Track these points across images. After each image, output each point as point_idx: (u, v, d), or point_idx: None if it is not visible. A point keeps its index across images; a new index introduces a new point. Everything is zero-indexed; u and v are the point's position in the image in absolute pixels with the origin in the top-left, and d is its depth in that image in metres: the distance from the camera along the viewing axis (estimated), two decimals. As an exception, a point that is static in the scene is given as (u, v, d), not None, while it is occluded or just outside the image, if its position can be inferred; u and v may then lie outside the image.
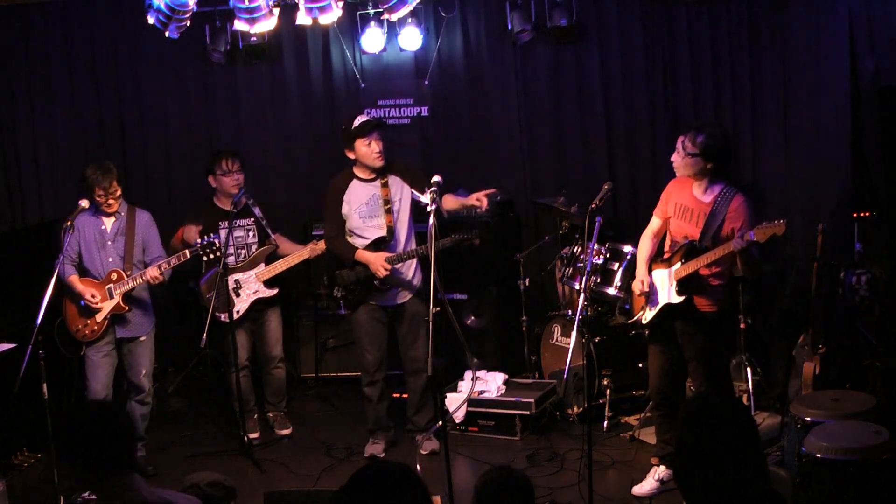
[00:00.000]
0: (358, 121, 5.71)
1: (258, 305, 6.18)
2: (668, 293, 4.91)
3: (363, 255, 5.67)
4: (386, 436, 5.95)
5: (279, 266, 6.15)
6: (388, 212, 5.71)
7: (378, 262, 5.60)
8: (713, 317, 4.88)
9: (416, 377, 5.89)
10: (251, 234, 6.17)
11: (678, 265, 4.85)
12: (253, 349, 6.37)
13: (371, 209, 5.74)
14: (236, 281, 6.10)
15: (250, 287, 6.13)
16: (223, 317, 5.96)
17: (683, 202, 4.95)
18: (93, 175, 5.51)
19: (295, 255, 6.15)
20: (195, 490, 3.51)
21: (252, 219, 6.16)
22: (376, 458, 5.64)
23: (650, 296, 5.02)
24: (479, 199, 5.66)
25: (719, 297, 4.89)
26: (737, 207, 4.77)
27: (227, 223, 6.01)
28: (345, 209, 5.76)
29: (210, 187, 6.22)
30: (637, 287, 5.06)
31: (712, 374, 4.94)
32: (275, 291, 6.18)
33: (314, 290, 7.23)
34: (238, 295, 6.10)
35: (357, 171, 5.78)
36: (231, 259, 6.04)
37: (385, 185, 5.74)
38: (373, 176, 5.77)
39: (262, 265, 6.16)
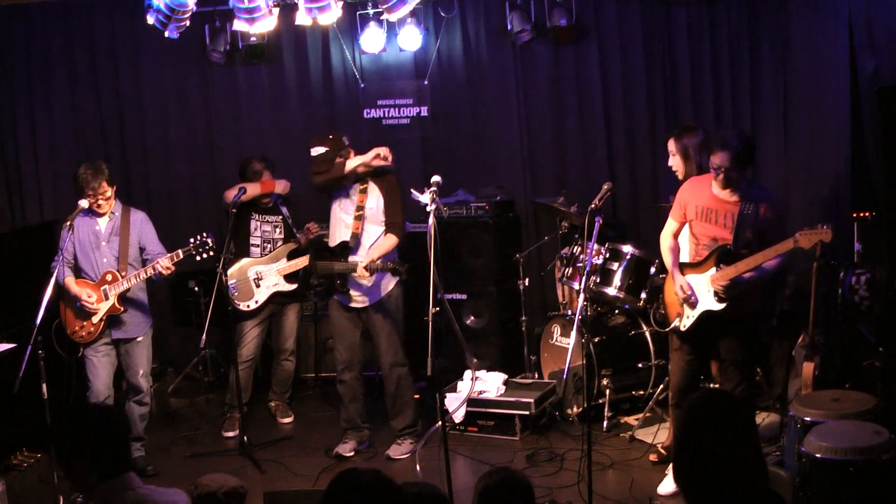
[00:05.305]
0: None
1: (278, 299, 6.46)
2: (705, 300, 4.76)
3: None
4: (357, 436, 5.95)
5: (300, 262, 6.39)
6: (358, 218, 5.66)
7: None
8: (749, 320, 4.79)
9: (387, 382, 5.86)
10: (278, 230, 6.51)
11: (713, 271, 4.71)
12: (262, 346, 6.55)
13: (343, 207, 5.74)
14: (257, 273, 6.38)
15: (270, 280, 6.38)
16: (242, 305, 6.27)
17: (705, 204, 4.79)
18: (83, 175, 5.49)
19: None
20: (212, 499, 3.46)
21: (280, 217, 6.51)
22: (353, 469, 5.59)
23: (691, 299, 4.81)
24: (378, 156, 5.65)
25: (756, 300, 4.81)
26: (773, 208, 4.69)
27: (258, 216, 6.44)
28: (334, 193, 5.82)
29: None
30: (680, 293, 4.84)
31: (746, 376, 4.87)
32: (294, 286, 6.44)
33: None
34: (258, 286, 6.35)
35: None
36: (256, 251, 6.40)
37: (363, 192, 5.71)
38: (357, 178, 5.73)
39: (284, 260, 6.43)
